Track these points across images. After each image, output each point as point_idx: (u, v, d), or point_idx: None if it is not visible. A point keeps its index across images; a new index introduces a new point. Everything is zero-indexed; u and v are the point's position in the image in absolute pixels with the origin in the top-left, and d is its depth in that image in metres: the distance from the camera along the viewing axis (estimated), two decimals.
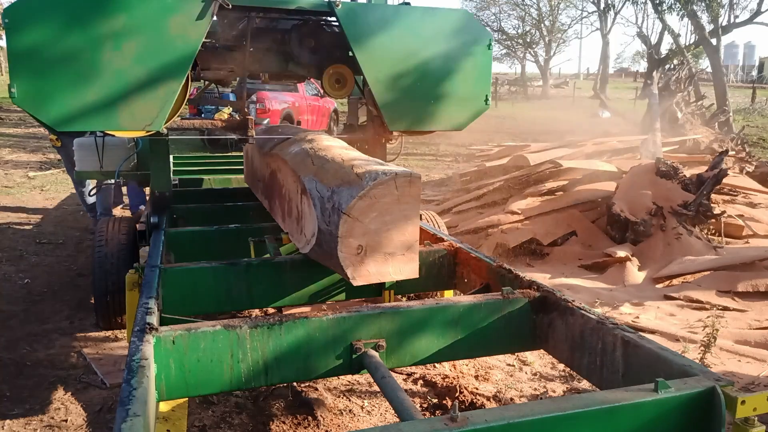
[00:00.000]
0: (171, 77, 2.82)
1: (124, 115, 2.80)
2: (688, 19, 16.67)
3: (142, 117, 2.83)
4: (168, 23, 2.78)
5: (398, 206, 2.30)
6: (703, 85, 15.49)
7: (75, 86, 2.70)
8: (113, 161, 4.40)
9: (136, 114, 2.82)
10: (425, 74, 3.29)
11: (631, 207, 5.92)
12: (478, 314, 2.26)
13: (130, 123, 2.83)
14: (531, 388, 3.38)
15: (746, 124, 18.02)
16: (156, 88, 2.81)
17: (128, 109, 2.80)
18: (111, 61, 2.73)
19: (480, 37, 3.36)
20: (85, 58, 2.69)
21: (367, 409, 3.10)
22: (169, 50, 2.80)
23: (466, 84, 3.37)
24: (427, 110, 3.36)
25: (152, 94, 2.81)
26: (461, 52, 3.34)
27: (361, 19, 3.14)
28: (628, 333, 1.95)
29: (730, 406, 1.55)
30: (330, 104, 15.84)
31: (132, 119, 2.82)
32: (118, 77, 2.75)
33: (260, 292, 2.79)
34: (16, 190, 8.59)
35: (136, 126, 2.85)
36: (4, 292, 4.63)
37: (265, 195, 3.61)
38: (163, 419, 2.45)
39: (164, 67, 2.80)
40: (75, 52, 2.67)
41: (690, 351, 3.66)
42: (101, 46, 2.70)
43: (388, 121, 3.32)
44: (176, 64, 2.82)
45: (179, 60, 2.82)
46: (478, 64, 3.37)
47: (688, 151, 8.94)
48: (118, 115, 2.80)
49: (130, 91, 2.77)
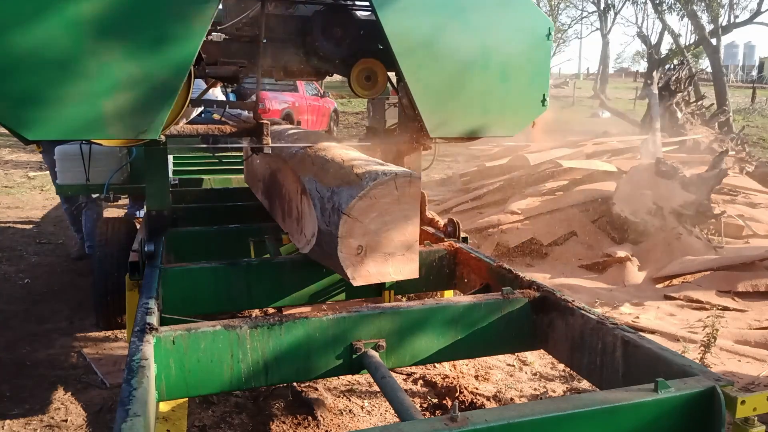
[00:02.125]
0: (170, 74, 2.30)
1: (112, 120, 2.26)
2: (688, 19, 16.68)
3: (134, 123, 2.31)
4: (166, 9, 2.26)
5: (398, 206, 2.30)
6: (703, 85, 15.50)
7: (49, 84, 2.16)
8: (102, 173, 3.82)
9: (127, 119, 2.29)
10: (475, 70, 2.78)
11: (631, 207, 5.92)
12: (478, 314, 2.25)
13: (119, 130, 2.30)
14: (531, 388, 3.38)
15: (746, 124, 18.02)
16: (152, 88, 2.28)
17: (117, 114, 2.26)
18: (95, 54, 2.18)
19: (538, 24, 2.84)
20: (61, 49, 2.14)
21: (367, 409, 3.10)
22: (167, 41, 2.28)
23: (522, 81, 2.88)
24: (476, 113, 2.86)
25: (147, 94, 2.28)
26: (517, 43, 2.83)
27: (399, 3, 2.61)
28: (628, 333, 1.95)
29: (730, 406, 1.55)
30: (330, 104, 15.84)
31: (122, 126, 2.29)
32: (104, 74, 2.21)
33: (260, 292, 2.79)
34: (16, 190, 8.59)
35: (128, 134, 2.33)
36: (4, 292, 4.64)
37: (265, 195, 3.61)
38: (163, 419, 2.45)
39: (162, 61, 2.28)
40: (48, 41, 2.12)
41: (690, 351, 3.66)
42: (82, 34, 2.15)
43: (429, 126, 2.80)
44: (176, 58, 2.30)
45: (180, 53, 2.30)
46: (536, 57, 2.87)
47: (688, 151, 8.94)
48: (105, 120, 2.25)
49: (119, 92, 2.24)
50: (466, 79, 2.79)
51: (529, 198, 6.66)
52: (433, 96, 2.76)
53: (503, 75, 2.84)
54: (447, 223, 3.25)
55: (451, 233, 3.18)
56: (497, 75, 2.83)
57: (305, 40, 3.03)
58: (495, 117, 2.90)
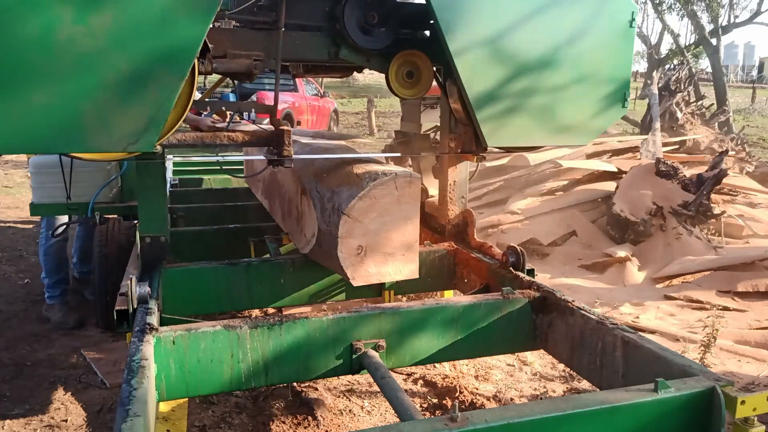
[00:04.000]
0: (168, 71, 1.83)
1: (94, 129, 1.80)
2: (688, 19, 16.68)
3: (123, 132, 1.83)
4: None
5: (398, 206, 2.30)
6: (703, 85, 15.49)
7: (16, 86, 1.69)
8: (86, 188, 3.21)
9: (113, 128, 1.82)
10: (544, 65, 2.35)
11: (631, 207, 5.92)
12: (478, 314, 2.25)
13: (103, 142, 1.83)
14: (531, 388, 3.38)
15: (746, 124, 18.02)
16: (145, 88, 1.81)
17: (101, 121, 1.80)
18: (73, 46, 1.71)
19: (620, 9, 2.39)
20: (26, 38, 1.66)
21: (367, 409, 3.10)
22: (165, 30, 1.78)
23: (600, 79, 2.45)
24: (543, 119, 2.43)
25: (139, 96, 1.81)
26: (595, 34, 2.38)
27: None
28: (628, 333, 1.95)
29: (729, 406, 1.55)
30: (330, 104, 15.84)
31: (107, 136, 1.82)
32: (85, 72, 1.74)
33: (260, 292, 2.79)
34: (16, 190, 8.59)
35: (114, 146, 1.86)
36: (4, 292, 4.64)
37: (265, 195, 3.61)
38: (163, 419, 2.45)
39: (158, 55, 1.79)
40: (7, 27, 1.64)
41: (690, 351, 3.66)
42: (53, 18, 1.67)
43: (486, 132, 2.37)
44: (176, 50, 1.81)
45: (181, 44, 1.81)
46: (617, 49, 2.43)
47: (688, 151, 8.94)
48: (85, 129, 1.79)
49: (103, 94, 1.78)
50: (533, 77, 2.36)
51: (529, 198, 6.65)
52: (492, 97, 2.33)
53: (578, 73, 2.41)
54: (507, 252, 2.55)
55: (514, 264, 2.51)
56: (570, 73, 2.40)
57: (334, 28, 2.50)
58: (566, 123, 2.47)
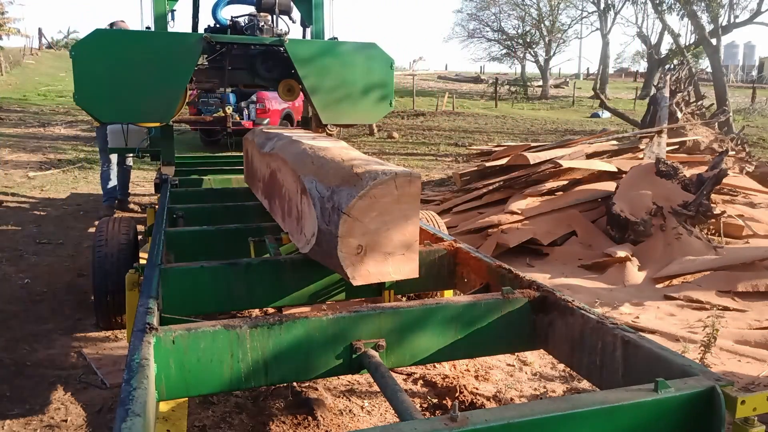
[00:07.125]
0: (176, 88, 4.33)
1: (145, 112, 4.30)
2: (688, 19, 16.68)
3: (156, 114, 4.34)
4: (174, 52, 4.26)
5: (398, 206, 2.30)
6: (703, 85, 15.50)
7: (115, 94, 4.13)
8: (134, 141, 6.05)
9: (153, 111, 4.30)
10: (346, 84, 4.73)
11: (631, 207, 5.92)
12: (477, 314, 2.25)
13: (149, 117, 4.37)
14: (531, 388, 3.38)
15: (746, 124, 18.03)
16: (167, 93, 4.29)
17: (149, 108, 4.27)
18: (138, 78, 4.14)
19: (385, 60, 4.83)
20: (121, 76, 4.11)
21: (367, 409, 3.10)
22: (175, 69, 4.27)
23: (377, 90, 4.85)
24: (348, 110, 4.81)
25: (165, 97, 4.28)
26: (372, 70, 4.79)
27: (301, 49, 4.60)
28: (628, 333, 1.94)
29: (730, 406, 1.55)
30: None
31: (150, 115, 4.34)
32: (142, 89, 4.17)
33: (260, 292, 2.79)
34: (16, 190, 8.59)
35: (153, 120, 4.41)
36: (4, 292, 4.64)
37: (265, 195, 3.61)
38: (163, 419, 2.46)
39: (171, 81, 4.28)
40: (114, 72, 4.09)
41: (690, 351, 3.66)
42: (131, 68, 4.13)
43: (321, 117, 4.78)
44: (179, 78, 4.32)
45: (182, 76, 4.32)
46: (384, 77, 4.86)
47: (688, 151, 8.94)
48: (141, 112, 4.28)
49: (149, 98, 4.22)
50: (341, 90, 4.74)
51: (529, 198, 6.65)
52: (322, 99, 4.72)
53: (365, 87, 4.81)
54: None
55: None
56: (362, 86, 4.80)
57: (252, 68, 5.01)
58: (361, 111, 4.86)
